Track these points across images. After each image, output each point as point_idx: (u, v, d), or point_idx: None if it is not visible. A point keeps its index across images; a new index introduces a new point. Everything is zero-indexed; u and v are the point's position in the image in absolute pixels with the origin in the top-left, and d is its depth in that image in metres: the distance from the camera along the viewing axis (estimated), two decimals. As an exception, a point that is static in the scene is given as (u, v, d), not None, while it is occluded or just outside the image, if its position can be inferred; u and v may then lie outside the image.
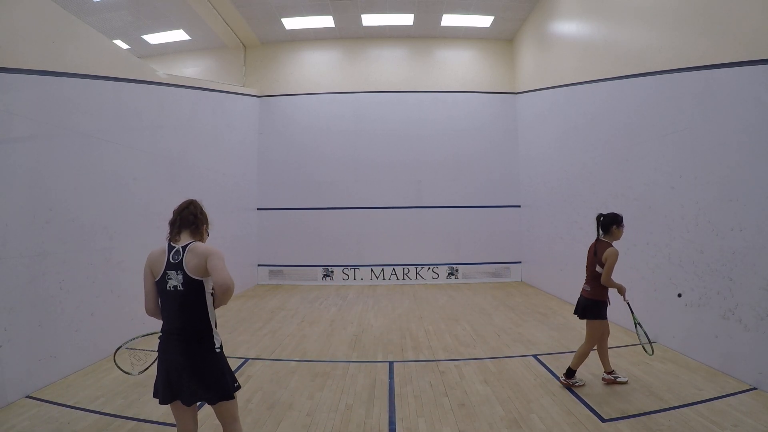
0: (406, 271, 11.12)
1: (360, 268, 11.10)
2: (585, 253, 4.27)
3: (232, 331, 6.36)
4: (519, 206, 11.14)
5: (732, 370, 4.25)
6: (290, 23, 10.53)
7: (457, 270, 11.15)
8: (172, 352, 2.30)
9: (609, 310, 4.09)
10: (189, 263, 2.30)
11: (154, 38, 10.56)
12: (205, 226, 2.52)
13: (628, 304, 4.15)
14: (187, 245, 2.35)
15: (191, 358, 2.28)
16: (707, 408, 3.58)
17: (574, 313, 4.25)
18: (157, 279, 2.34)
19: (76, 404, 3.85)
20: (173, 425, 3.44)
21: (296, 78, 11.45)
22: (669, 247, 5.26)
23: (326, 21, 10.53)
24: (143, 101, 6.37)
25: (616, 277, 4.00)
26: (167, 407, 2.44)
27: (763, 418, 3.35)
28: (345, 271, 11.10)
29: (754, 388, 3.92)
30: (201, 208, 2.52)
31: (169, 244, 2.38)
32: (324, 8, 9.93)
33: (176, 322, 2.32)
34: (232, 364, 3.98)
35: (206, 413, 3.64)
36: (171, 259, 2.32)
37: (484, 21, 10.57)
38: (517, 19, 10.46)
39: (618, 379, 4.15)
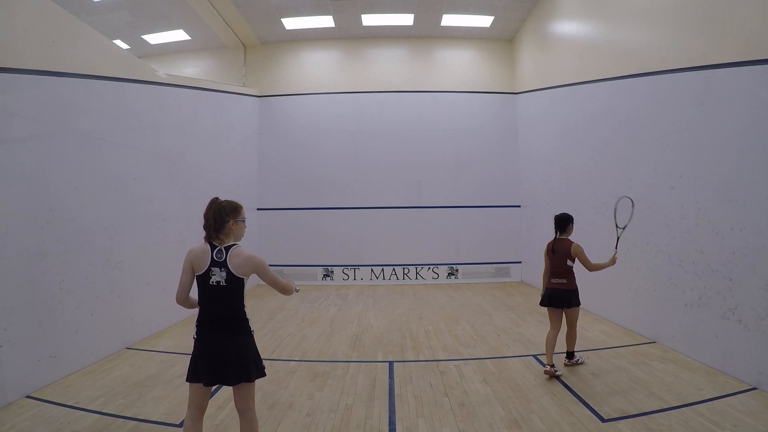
0: (406, 271, 11.12)
1: (360, 268, 11.10)
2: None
3: (232, 331, 6.35)
4: (519, 206, 11.14)
5: (732, 370, 4.25)
6: (290, 23, 10.52)
7: (457, 270, 11.15)
8: (216, 339, 2.54)
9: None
10: (233, 263, 2.55)
11: (154, 38, 10.55)
12: (229, 221, 2.62)
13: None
14: (230, 247, 2.58)
15: (234, 342, 2.55)
16: (707, 408, 3.58)
17: (550, 306, 4.56)
18: (200, 273, 2.56)
19: (76, 404, 3.85)
20: (173, 425, 3.46)
21: (296, 78, 11.45)
22: (669, 247, 5.25)
23: (326, 21, 10.53)
24: (143, 101, 6.36)
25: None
26: (167, 407, 2.49)
27: (763, 418, 3.35)
28: (345, 271, 11.09)
29: (754, 388, 3.92)
30: (218, 206, 2.63)
31: (211, 243, 2.59)
32: (324, 8, 9.93)
33: (218, 312, 2.56)
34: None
35: (209, 413, 3.64)
36: (215, 257, 2.55)
37: (484, 21, 10.57)
38: (517, 19, 10.46)
39: (557, 373, 4.38)
